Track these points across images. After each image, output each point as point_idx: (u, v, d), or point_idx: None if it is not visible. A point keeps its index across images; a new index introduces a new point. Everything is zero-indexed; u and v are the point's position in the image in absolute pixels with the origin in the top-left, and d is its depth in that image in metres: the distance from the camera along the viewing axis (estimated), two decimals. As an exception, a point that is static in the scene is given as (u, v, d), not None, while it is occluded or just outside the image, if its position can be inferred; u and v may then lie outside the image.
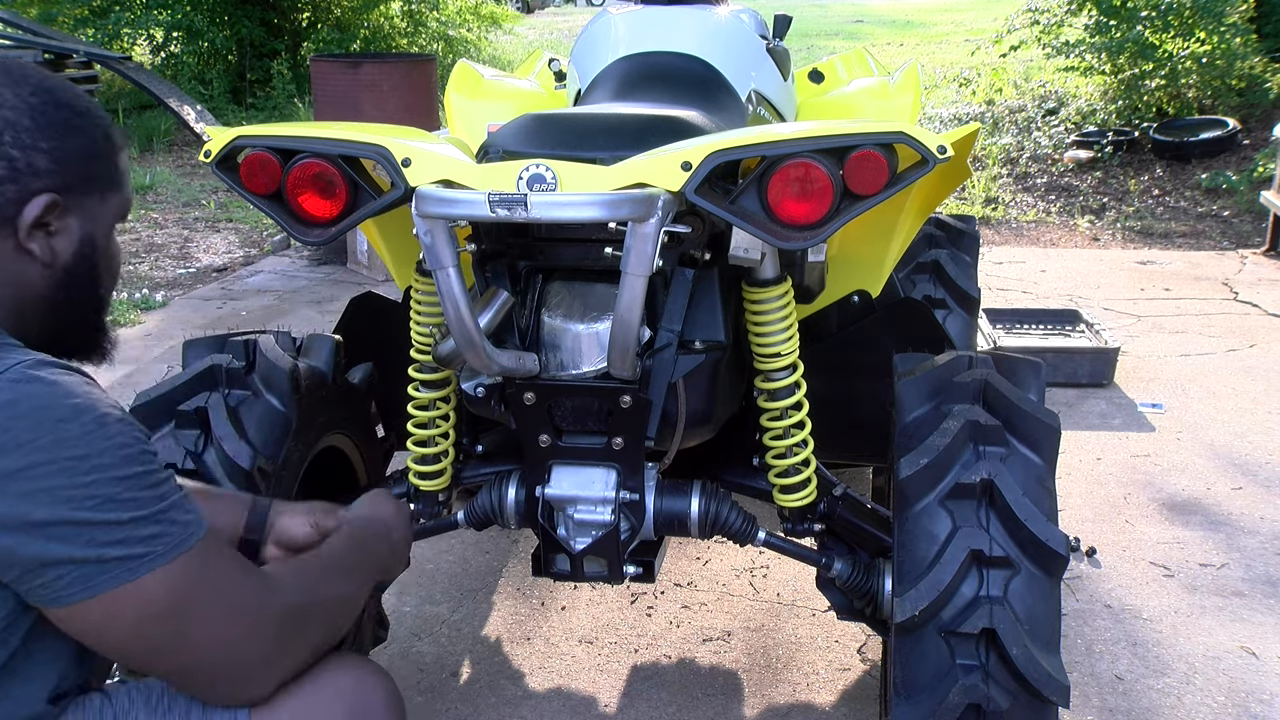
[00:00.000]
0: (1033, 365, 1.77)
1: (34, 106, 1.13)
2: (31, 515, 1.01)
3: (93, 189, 1.19)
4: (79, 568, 1.03)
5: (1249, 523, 3.09)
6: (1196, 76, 7.70)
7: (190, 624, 1.10)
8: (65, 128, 1.15)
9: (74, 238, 1.17)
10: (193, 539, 1.10)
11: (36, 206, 1.12)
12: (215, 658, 1.13)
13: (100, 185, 1.20)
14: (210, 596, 1.12)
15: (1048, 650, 1.55)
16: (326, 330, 2.15)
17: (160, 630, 1.09)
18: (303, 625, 1.21)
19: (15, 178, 1.11)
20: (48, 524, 1.01)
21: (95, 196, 1.19)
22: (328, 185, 1.65)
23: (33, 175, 1.12)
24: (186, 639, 1.11)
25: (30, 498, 1.01)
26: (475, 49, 12.46)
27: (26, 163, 1.11)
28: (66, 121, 1.15)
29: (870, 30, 16.45)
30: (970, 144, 1.84)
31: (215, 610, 1.12)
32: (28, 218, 1.11)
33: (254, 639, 1.15)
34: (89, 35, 10.24)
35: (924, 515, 1.61)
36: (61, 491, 1.02)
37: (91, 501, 1.03)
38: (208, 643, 1.12)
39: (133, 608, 1.06)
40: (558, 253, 1.74)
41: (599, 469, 1.79)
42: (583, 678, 2.43)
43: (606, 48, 2.39)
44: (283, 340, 1.98)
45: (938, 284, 2.82)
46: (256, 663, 1.16)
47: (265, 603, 1.17)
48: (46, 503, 1.01)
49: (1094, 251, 6.28)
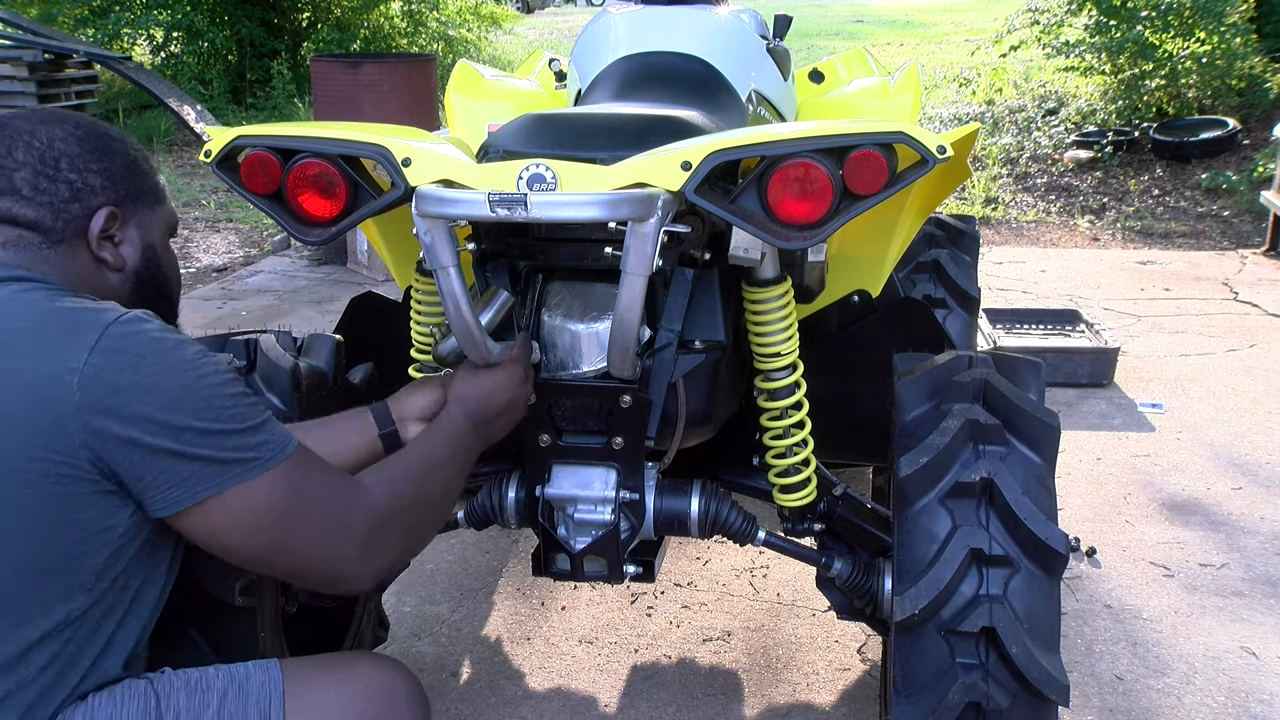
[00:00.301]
0: (1033, 365, 1.77)
1: (79, 137, 1.33)
2: (169, 421, 1.18)
3: (142, 201, 1.38)
4: (206, 467, 1.20)
5: (1249, 523, 3.09)
6: (1196, 76, 7.70)
7: (294, 523, 1.26)
8: (107, 150, 1.34)
9: (136, 245, 1.37)
10: (291, 447, 1.28)
11: (100, 218, 1.31)
12: (314, 554, 1.29)
13: (148, 198, 1.39)
14: (309, 499, 1.28)
15: (1047, 649, 1.55)
16: (327, 330, 2.15)
17: (269, 529, 1.25)
18: (391, 525, 1.35)
19: (77, 196, 1.30)
20: (180, 429, 1.18)
21: (146, 208, 1.39)
22: (328, 185, 1.65)
23: (91, 193, 1.31)
24: (291, 537, 1.26)
25: (165, 409, 1.18)
26: (475, 49, 12.46)
27: (84, 183, 1.31)
28: (107, 146, 1.35)
29: (870, 30, 16.45)
30: (970, 144, 1.84)
31: (314, 511, 1.28)
32: (94, 229, 1.31)
33: (346, 538, 1.30)
34: (89, 35, 10.24)
35: (924, 514, 1.61)
36: (188, 404, 1.19)
37: (211, 413, 1.21)
38: (308, 541, 1.28)
39: (247, 507, 1.23)
40: (558, 252, 1.74)
41: (599, 469, 1.79)
42: (583, 678, 2.43)
43: (606, 48, 2.39)
44: (283, 340, 1.98)
45: (938, 284, 2.82)
46: (351, 557, 1.31)
47: (355, 506, 1.32)
48: (179, 412, 1.18)
49: (1094, 251, 6.28)
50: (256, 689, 1.28)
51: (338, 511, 1.30)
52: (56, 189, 1.29)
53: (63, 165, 1.29)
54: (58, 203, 1.29)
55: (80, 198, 1.30)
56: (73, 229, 1.30)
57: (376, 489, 1.35)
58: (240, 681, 1.28)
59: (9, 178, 1.27)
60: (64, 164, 1.30)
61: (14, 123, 1.31)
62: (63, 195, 1.29)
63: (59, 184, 1.29)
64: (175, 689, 1.26)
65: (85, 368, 1.15)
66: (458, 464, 1.53)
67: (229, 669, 1.30)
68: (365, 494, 1.34)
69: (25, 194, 1.27)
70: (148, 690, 1.25)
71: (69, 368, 1.15)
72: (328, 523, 1.29)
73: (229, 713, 1.25)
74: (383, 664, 1.38)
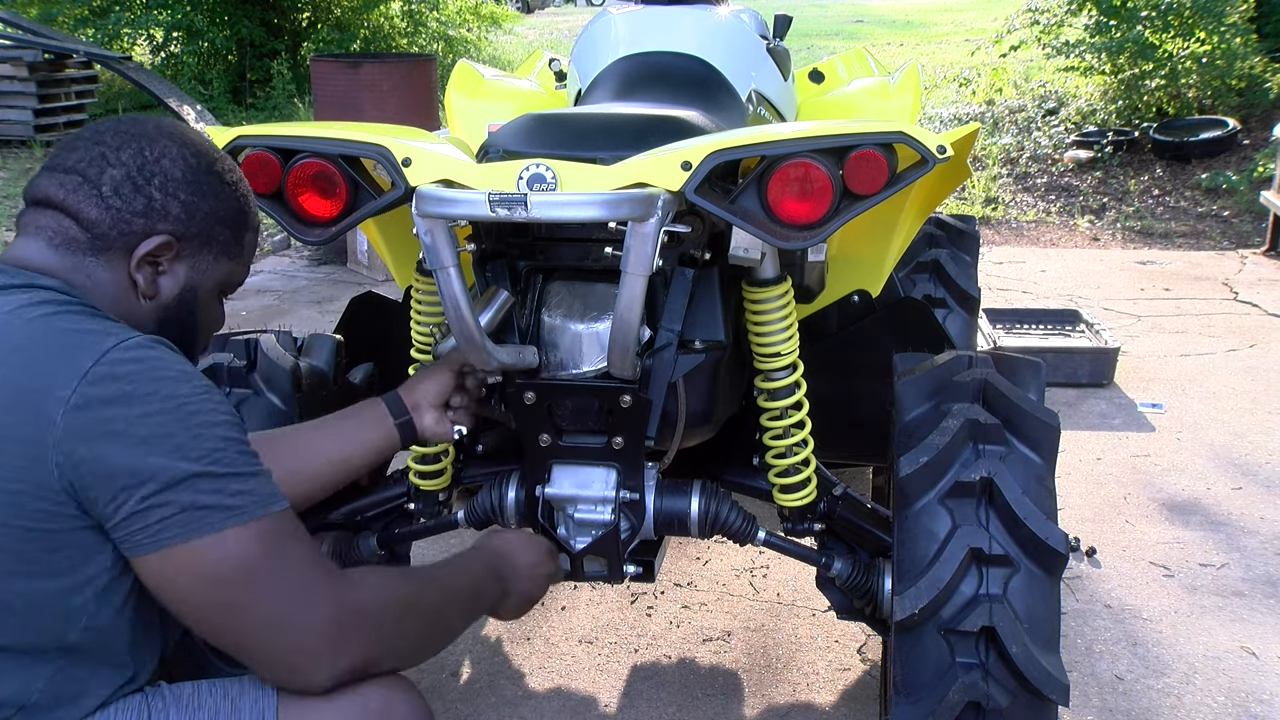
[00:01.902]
0: (1033, 365, 1.77)
1: (190, 165, 1.30)
2: (147, 458, 1.11)
3: (210, 248, 1.34)
4: (180, 511, 1.13)
5: (1249, 523, 3.09)
6: (1196, 76, 7.70)
7: (257, 591, 1.17)
8: (207, 189, 1.31)
9: (178, 281, 1.32)
10: (275, 507, 1.20)
11: (151, 243, 1.27)
12: (273, 634, 1.19)
13: (218, 248, 1.35)
14: (283, 564, 1.19)
15: (1047, 649, 1.55)
16: (327, 330, 2.15)
17: (230, 590, 1.16)
18: (371, 623, 1.25)
19: (147, 214, 1.27)
20: (161, 468, 1.12)
21: (210, 255, 1.34)
22: (328, 185, 1.65)
23: (162, 217, 1.28)
24: (251, 606, 1.17)
25: (147, 442, 1.12)
26: (475, 49, 12.46)
27: (162, 205, 1.27)
28: (210, 186, 1.32)
29: (870, 30, 16.45)
30: (970, 144, 1.84)
31: (282, 583, 1.18)
32: (141, 250, 1.27)
33: (312, 619, 1.20)
34: (89, 35, 10.23)
35: (924, 514, 1.61)
36: (175, 439, 1.13)
37: (198, 453, 1.14)
38: (269, 616, 1.18)
39: (212, 560, 1.15)
40: (558, 252, 1.74)
41: (599, 468, 1.79)
42: (583, 678, 2.43)
43: (607, 48, 2.39)
44: (284, 340, 1.98)
45: (938, 284, 2.82)
46: (312, 650, 1.20)
47: (333, 589, 1.22)
48: (162, 449, 1.12)
49: (1094, 251, 6.28)
50: (249, 706, 1.24)
51: (309, 587, 1.20)
52: (134, 200, 1.26)
53: (155, 181, 1.27)
54: (126, 213, 1.26)
55: (149, 216, 1.27)
56: (123, 243, 1.26)
57: (365, 581, 1.27)
58: (233, 698, 1.25)
59: (101, 172, 1.25)
60: (156, 181, 1.27)
61: (147, 126, 1.30)
62: (135, 208, 1.26)
63: (139, 196, 1.26)
64: (167, 705, 1.23)
65: (73, 396, 1.11)
66: (462, 598, 1.45)
67: (223, 684, 1.26)
68: (349, 582, 1.25)
69: (104, 192, 1.25)
70: (141, 706, 1.22)
71: (56, 396, 1.10)
72: (296, 596, 1.19)
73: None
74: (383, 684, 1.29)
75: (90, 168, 1.25)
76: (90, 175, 1.25)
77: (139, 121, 1.31)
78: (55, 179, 1.26)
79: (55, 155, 1.28)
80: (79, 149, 1.27)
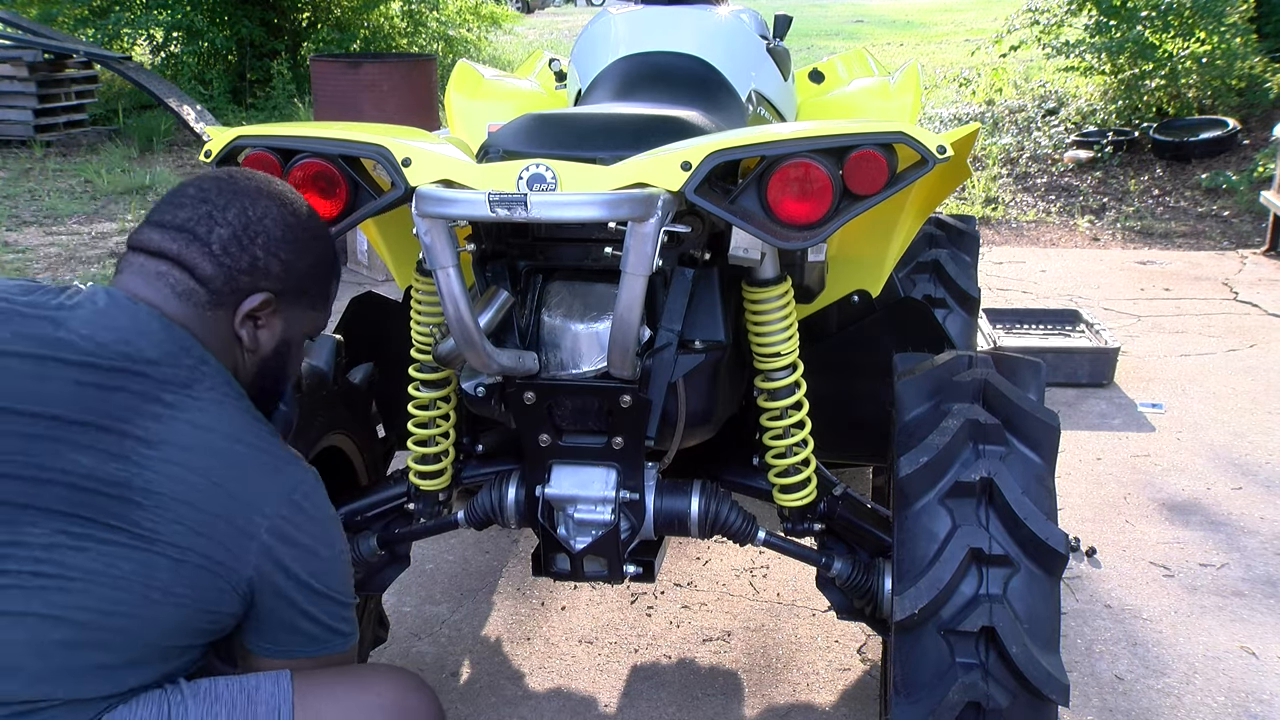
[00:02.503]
0: (1033, 365, 1.77)
1: (289, 225, 1.39)
2: (315, 586, 1.31)
3: (303, 301, 1.43)
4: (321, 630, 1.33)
5: (1249, 523, 3.09)
6: (1196, 76, 7.70)
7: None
8: (302, 246, 1.40)
9: (276, 335, 1.41)
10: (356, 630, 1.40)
11: (254, 301, 1.36)
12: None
13: (309, 301, 1.45)
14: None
15: (1047, 649, 1.55)
16: (327, 330, 2.15)
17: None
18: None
19: (252, 272, 1.35)
20: (320, 595, 1.31)
21: (303, 308, 1.44)
22: (328, 185, 1.65)
23: (265, 275, 1.36)
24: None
25: (317, 575, 1.31)
26: (475, 49, 12.46)
27: (265, 264, 1.36)
28: (305, 243, 1.41)
29: (870, 30, 16.45)
30: (970, 144, 1.84)
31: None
32: (246, 307, 1.36)
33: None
34: (89, 35, 10.23)
35: (924, 514, 1.61)
36: (334, 575, 1.33)
37: (344, 587, 1.35)
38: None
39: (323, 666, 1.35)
40: (558, 252, 1.74)
41: (599, 469, 1.79)
42: (583, 678, 2.43)
43: (607, 48, 2.39)
44: (283, 340, 1.98)
45: (938, 284, 2.82)
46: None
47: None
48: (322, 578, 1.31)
49: (1094, 251, 6.28)
50: (265, 700, 1.27)
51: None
52: (240, 258, 1.34)
53: (259, 241, 1.35)
54: (234, 271, 1.34)
55: (253, 273, 1.35)
56: (232, 300, 1.34)
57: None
58: (250, 692, 1.28)
59: (211, 231, 1.33)
60: (260, 240, 1.35)
61: (247, 184, 1.38)
62: (242, 266, 1.34)
63: (245, 255, 1.34)
64: (185, 699, 1.25)
65: (275, 517, 1.27)
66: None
67: (240, 680, 1.29)
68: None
69: (215, 251, 1.33)
70: (160, 699, 1.24)
71: (263, 512, 1.26)
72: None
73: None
74: (400, 682, 1.37)
75: (199, 225, 1.33)
76: (200, 233, 1.33)
77: (241, 179, 1.39)
78: (167, 234, 1.33)
79: (161, 210, 1.36)
80: (186, 206, 1.34)
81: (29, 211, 6.73)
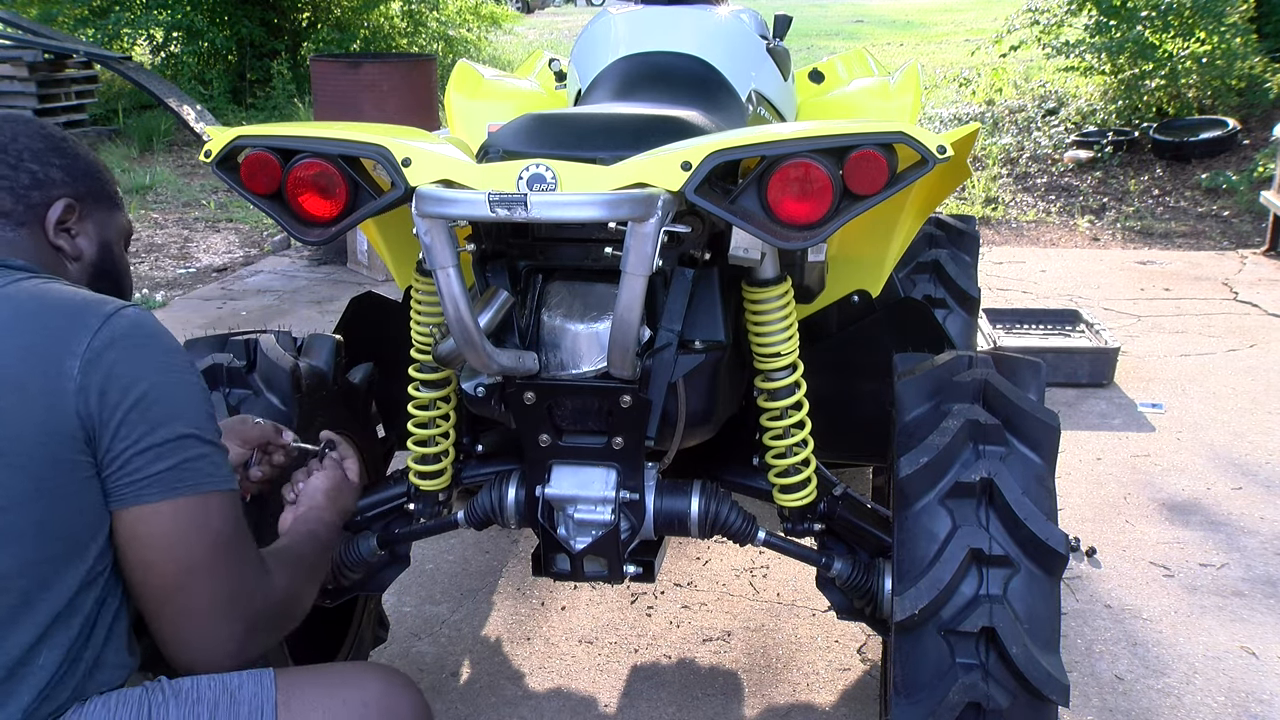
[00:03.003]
0: (1033, 365, 1.77)
1: (43, 136, 1.40)
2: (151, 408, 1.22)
3: (101, 202, 1.44)
4: (170, 469, 1.23)
5: (1249, 523, 3.09)
6: (1196, 76, 7.70)
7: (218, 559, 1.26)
8: (70, 152, 1.41)
9: (94, 240, 1.42)
10: (234, 481, 1.31)
11: (59, 209, 1.37)
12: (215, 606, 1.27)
13: (106, 201, 1.45)
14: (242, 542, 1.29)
15: (1047, 649, 1.55)
16: (327, 330, 2.15)
17: (196, 552, 1.25)
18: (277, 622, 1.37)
19: (38, 185, 1.36)
20: (158, 421, 1.22)
21: (104, 209, 1.44)
22: (328, 185, 1.65)
23: (51, 184, 1.37)
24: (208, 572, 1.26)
25: (155, 404, 1.23)
26: (475, 49, 12.45)
27: (45, 174, 1.37)
28: (69, 149, 1.42)
29: (870, 30, 16.45)
30: (970, 144, 1.84)
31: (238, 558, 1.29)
32: (52, 217, 1.37)
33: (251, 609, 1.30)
34: (89, 35, 10.23)
35: (924, 514, 1.61)
36: (178, 406, 1.25)
37: (196, 420, 1.26)
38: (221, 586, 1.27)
39: (189, 519, 1.24)
40: (558, 253, 1.74)
41: (599, 469, 1.79)
42: (583, 678, 2.43)
43: (606, 48, 2.39)
44: (283, 340, 1.98)
45: (938, 284, 2.82)
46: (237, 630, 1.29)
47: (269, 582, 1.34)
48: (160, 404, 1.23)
49: (1094, 251, 6.28)
50: (248, 700, 1.26)
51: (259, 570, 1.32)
52: (18, 176, 1.35)
53: (25, 157, 1.36)
54: (18, 189, 1.35)
55: (40, 186, 1.36)
56: (33, 215, 1.35)
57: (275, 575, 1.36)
58: (232, 691, 1.26)
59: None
60: (26, 156, 1.36)
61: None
62: (24, 182, 1.35)
63: (20, 172, 1.35)
64: (166, 698, 1.24)
65: (86, 352, 1.21)
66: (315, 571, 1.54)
67: (222, 679, 1.28)
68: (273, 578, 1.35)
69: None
70: (141, 698, 1.24)
71: (72, 351, 1.20)
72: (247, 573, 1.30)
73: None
74: (385, 679, 1.34)
75: None
76: None
77: None
78: None
79: None
80: None
81: (29, 211, 6.73)
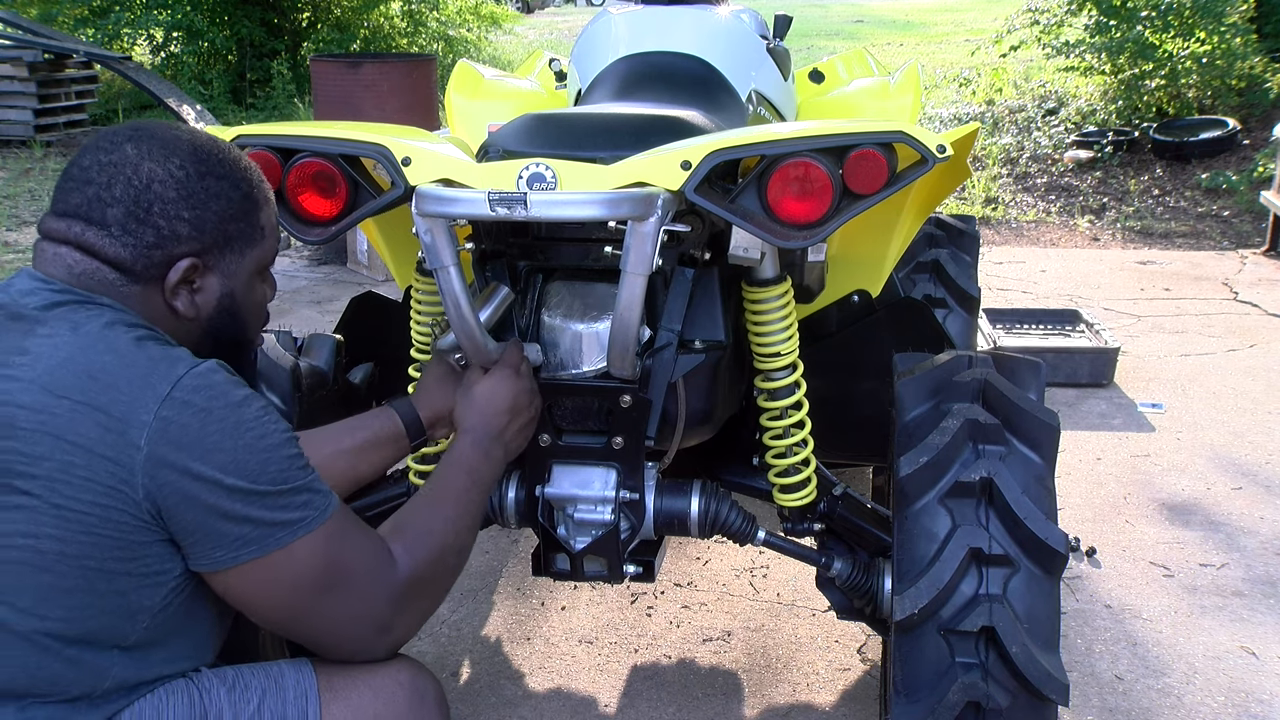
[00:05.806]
0: (1033, 365, 1.77)
1: (179, 180, 1.29)
2: (225, 482, 1.19)
3: (231, 247, 1.35)
4: (255, 529, 1.21)
5: (1249, 523, 3.09)
6: (1196, 76, 7.69)
7: (329, 590, 1.27)
8: (206, 195, 1.31)
9: (214, 294, 1.34)
10: (332, 508, 1.28)
11: (178, 271, 1.29)
12: (346, 624, 1.30)
13: (238, 244, 1.36)
14: (346, 565, 1.28)
15: (1047, 649, 1.55)
16: (327, 330, 2.15)
17: (305, 594, 1.26)
18: (414, 598, 1.36)
19: (162, 243, 1.28)
20: (234, 491, 1.20)
21: (234, 253, 1.35)
22: (328, 184, 1.65)
23: (176, 241, 1.29)
24: (324, 604, 1.27)
25: (224, 469, 1.19)
26: (475, 49, 12.46)
27: (171, 230, 1.29)
28: (208, 189, 1.31)
29: (870, 30, 16.45)
30: (970, 144, 1.84)
31: (349, 579, 1.29)
32: (172, 279, 1.29)
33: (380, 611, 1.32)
34: (89, 35, 10.23)
35: (924, 514, 1.61)
36: (247, 465, 1.21)
37: (267, 476, 1.22)
38: (341, 610, 1.29)
39: (285, 571, 1.24)
40: (558, 252, 1.74)
41: (599, 468, 1.79)
42: (583, 678, 2.43)
43: (607, 48, 2.39)
44: (284, 339, 1.98)
45: (938, 284, 2.82)
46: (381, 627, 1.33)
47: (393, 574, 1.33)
48: (236, 474, 1.20)
49: (1094, 251, 6.28)
50: (293, 686, 1.31)
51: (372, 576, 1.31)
52: (143, 232, 1.28)
53: (154, 210, 1.28)
54: (141, 246, 1.28)
55: (164, 245, 1.29)
56: (153, 273, 1.29)
57: (404, 559, 1.35)
58: (276, 679, 1.31)
59: (103, 212, 1.27)
60: (156, 209, 1.28)
61: (124, 150, 1.29)
62: (148, 240, 1.28)
63: (147, 228, 1.28)
64: (215, 686, 1.28)
65: (154, 421, 1.17)
66: (475, 502, 1.52)
67: (264, 668, 1.32)
68: (394, 566, 1.34)
69: (114, 232, 1.27)
70: (189, 687, 1.27)
71: (140, 420, 1.17)
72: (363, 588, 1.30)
73: (269, 710, 1.28)
74: (411, 664, 1.40)
75: (92, 210, 1.27)
76: (94, 218, 1.27)
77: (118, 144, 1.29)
78: (64, 223, 1.28)
79: (57, 193, 1.30)
80: (75, 191, 1.28)
81: (29, 211, 6.73)
